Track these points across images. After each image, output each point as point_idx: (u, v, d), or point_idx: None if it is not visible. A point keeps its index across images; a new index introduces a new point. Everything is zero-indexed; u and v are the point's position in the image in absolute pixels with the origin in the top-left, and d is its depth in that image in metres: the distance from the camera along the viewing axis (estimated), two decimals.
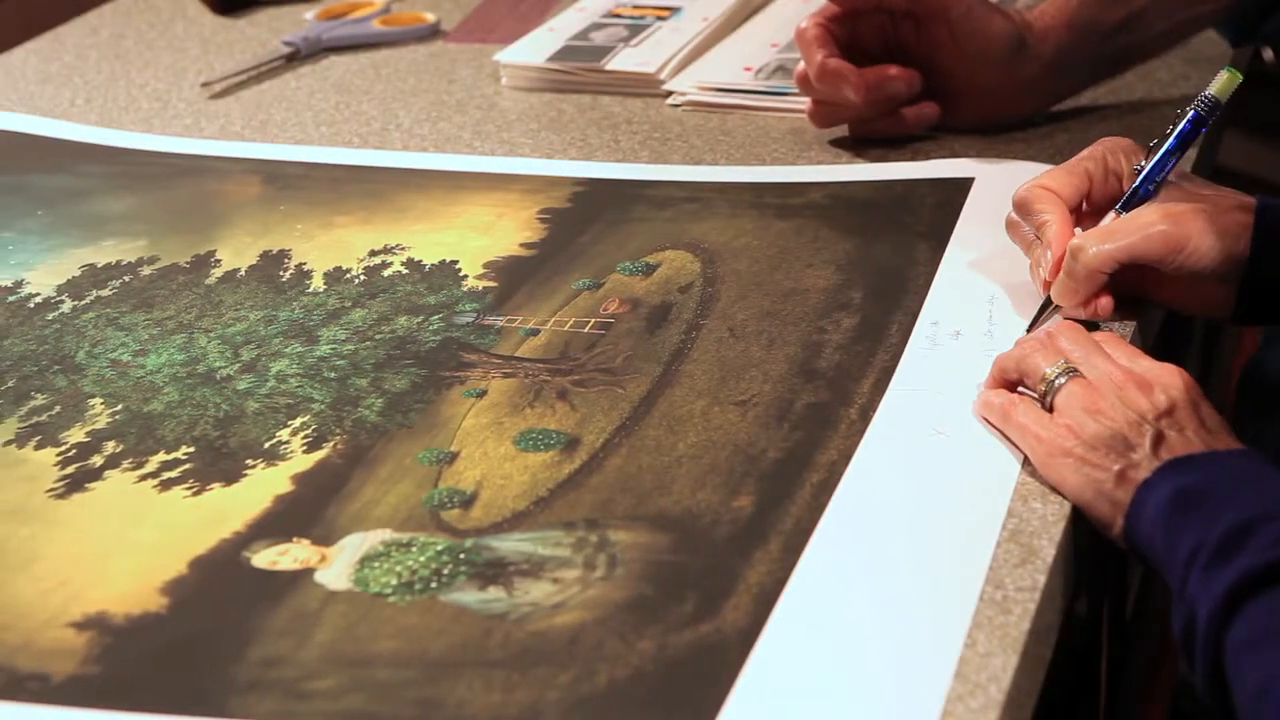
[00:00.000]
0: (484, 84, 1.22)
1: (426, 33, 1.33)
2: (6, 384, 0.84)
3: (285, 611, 0.68)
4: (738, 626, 0.65)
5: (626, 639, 0.65)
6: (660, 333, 0.87)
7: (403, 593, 0.69)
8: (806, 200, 1.01)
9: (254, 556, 0.71)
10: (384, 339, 0.88)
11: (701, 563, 0.69)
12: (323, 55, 1.29)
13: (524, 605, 0.68)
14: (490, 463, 0.77)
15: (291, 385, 0.84)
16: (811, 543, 0.70)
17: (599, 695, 0.62)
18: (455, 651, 0.65)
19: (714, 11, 1.27)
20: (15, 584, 0.70)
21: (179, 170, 1.09)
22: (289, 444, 0.79)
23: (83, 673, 0.65)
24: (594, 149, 1.10)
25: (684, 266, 0.94)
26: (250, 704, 0.63)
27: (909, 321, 0.86)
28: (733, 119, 1.14)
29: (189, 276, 0.95)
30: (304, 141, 1.13)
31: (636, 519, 0.73)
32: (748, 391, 0.81)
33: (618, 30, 1.26)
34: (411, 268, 0.95)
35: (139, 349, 0.87)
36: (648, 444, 0.78)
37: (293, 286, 0.94)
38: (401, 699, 0.63)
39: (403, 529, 0.73)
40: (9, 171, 1.08)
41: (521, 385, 0.83)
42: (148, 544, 0.72)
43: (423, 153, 1.11)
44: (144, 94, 1.22)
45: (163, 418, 0.81)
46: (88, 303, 0.92)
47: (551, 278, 0.94)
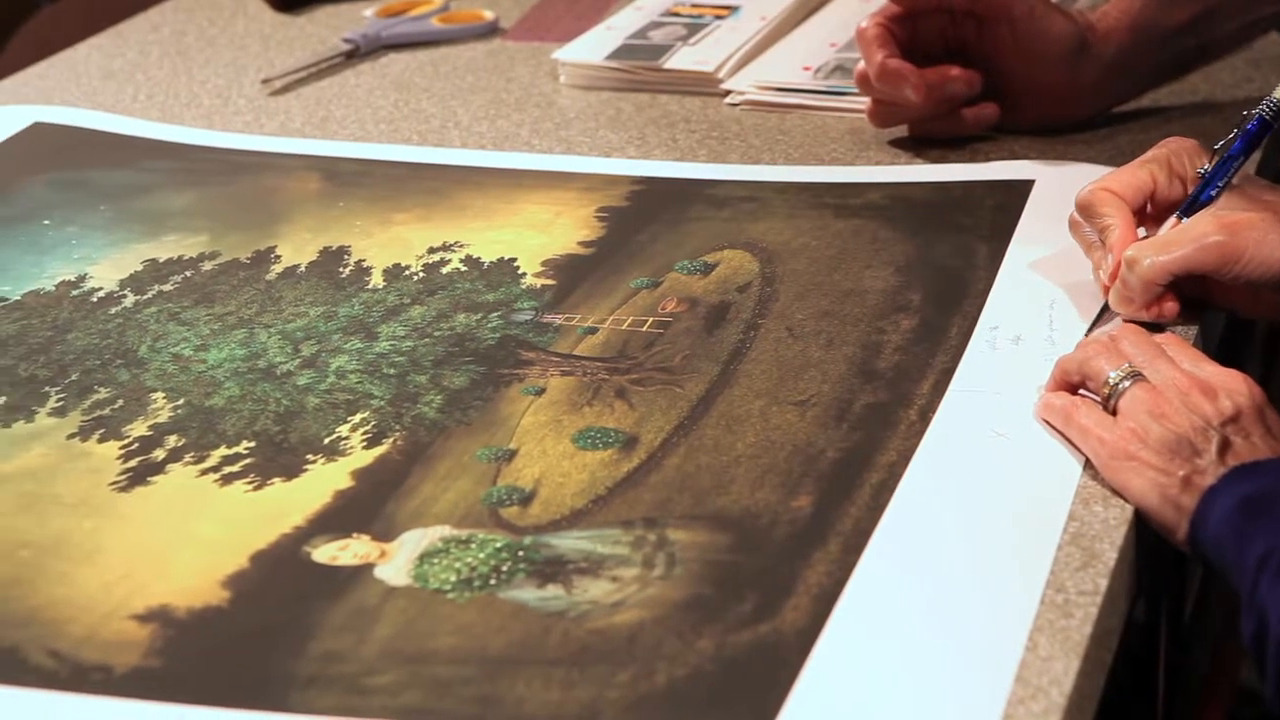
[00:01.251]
0: (542, 82, 1.23)
1: (485, 30, 1.33)
2: (70, 377, 0.85)
3: (345, 607, 0.68)
4: (797, 627, 0.65)
5: (685, 638, 0.65)
6: (718, 332, 0.87)
7: (462, 589, 0.69)
8: (865, 201, 1.01)
9: (314, 551, 0.72)
10: (443, 336, 0.88)
11: (760, 563, 0.69)
12: (382, 53, 1.29)
13: (583, 603, 0.68)
14: (549, 460, 0.77)
15: (351, 381, 0.84)
16: (871, 544, 0.70)
17: (658, 694, 0.62)
18: (514, 649, 0.65)
19: (773, 10, 1.27)
20: (79, 576, 0.70)
21: (239, 166, 1.09)
22: (349, 440, 0.79)
23: (145, 665, 0.65)
24: (652, 148, 1.11)
25: (742, 266, 0.94)
26: (310, 699, 0.63)
27: (968, 324, 0.86)
28: (791, 118, 1.14)
29: (249, 272, 0.96)
30: (363, 138, 1.13)
31: (695, 518, 0.73)
32: (806, 391, 0.81)
33: (676, 29, 1.26)
34: (470, 265, 0.96)
35: (200, 344, 0.88)
36: (706, 443, 0.78)
37: (352, 283, 0.94)
38: (461, 696, 0.63)
39: (461, 526, 0.73)
40: (73, 166, 1.09)
41: (580, 383, 0.83)
42: (209, 538, 0.73)
43: (481, 150, 1.11)
44: (205, 90, 1.23)
45: (224, 412, 0.82)
46: (150, 297, 0.93)
47: (609, 276, 0.94)
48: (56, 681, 0.64)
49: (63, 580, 0.70)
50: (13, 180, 1.07)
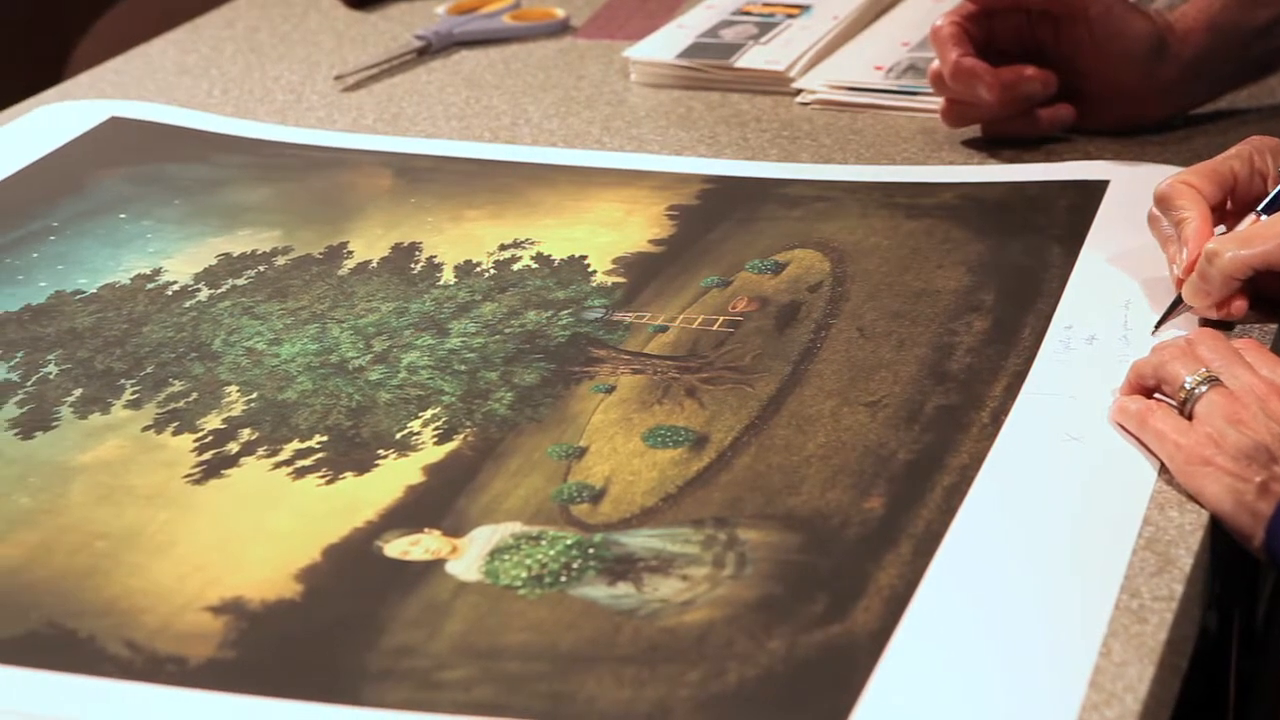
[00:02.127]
0: (613, 80, 1.23)
1: (556, 28, 1.33)
2: (145, 370, 0.86)
3: (417, 601, 0.68)
4: (868, 629, 0.65)
5: (756, 638, 0.65)
6: (789, 332, 0.87)
7: (532, 586, 0.69)
8: (937, 201, 1.00)
9: (386, 546, 0.72)
10: (513, 333, 0.88)
11: (831, 563, 0.69)
12: (453, 49, 1.30)
13: (653, 602, 0.68)
14: (619, 458, 0.77)
15: (422, 377, 0.84)
16: (943, 546, 0.69)
17: (729, 694, 0.62)
18: (585, 646, 0.65)
19: (844, 10, 1.27)
20: (154, 567, 0.71)
21: (312, 162, 1.10)
22: (420, 435, 0.80)
23: (219, 657, 0.66)
24: (723, 146, 1.10)
25: (813, 265, 0.94)
26: (383, 693, 0.63)
27: (1042, 325, 0.85)
28: (863, 118, 1.14)
29: (322, 267, 0.96)
30: (434, 135, 1.14)
31: (766, 518, 0.72)
32: (877, 392, 0.81)
33: (747, 28, 1.26)
34: (541, 262, 0.96)
35: (273, 338, 0.89)
36: (777, 443, 0.78)
37: (424, 279, 0.95)
38: (532, 692, 0.63)
39: (532, 522, 0.73)
40: (148, 161, 1.10)
41: (650, 382, 0.83)
42: (282, 531, 0.73)
43: (552, 148, 1.11)
44: (278, 86, 1.23)
45: (296, 406, 0.82)
46: (223, 291, 0.94)
47: (680, 275, 0.94)
48: (133, 671, 0.65)
49: (138, 571, 0.71)
50: (90, 174, 1.08)
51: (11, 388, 0.84)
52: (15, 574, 0.71)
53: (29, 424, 0.81)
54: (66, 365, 0.86)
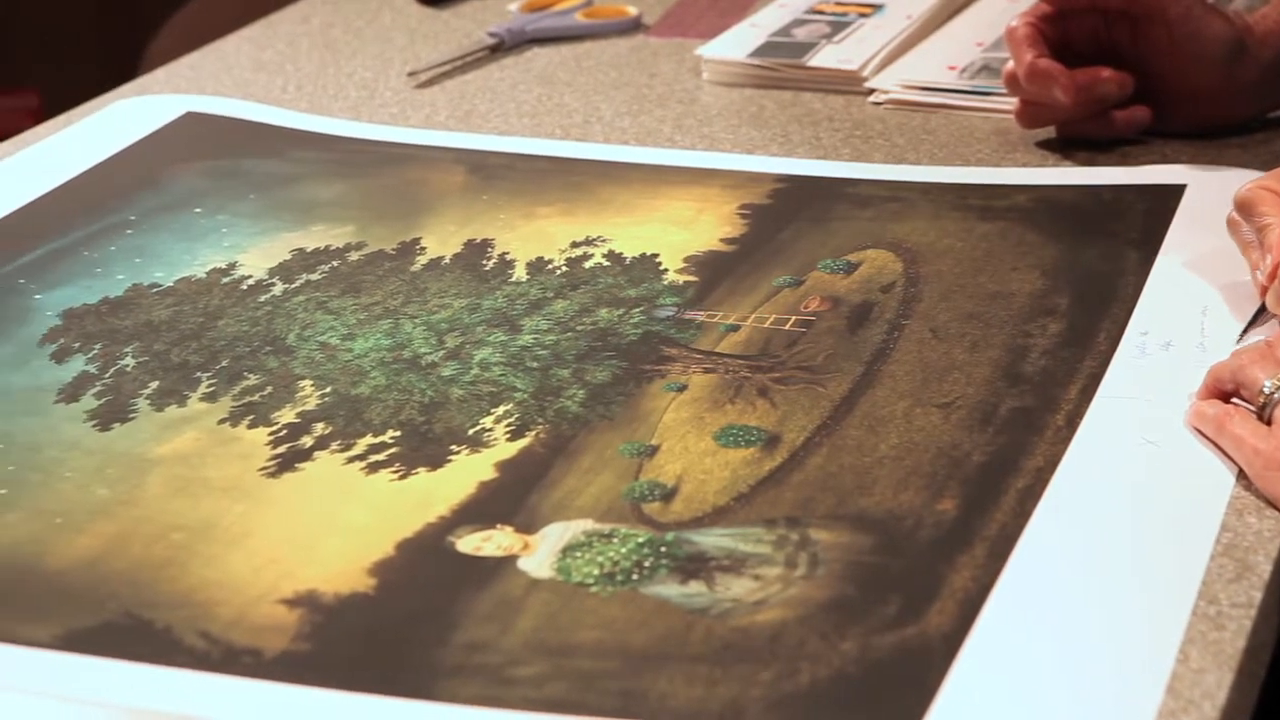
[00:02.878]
0: (685, 78, 1.23)
1: (628, 26, 1.33)
2: (221, 363, 0.87)
3: (489, 597, 0.68)
4: (942, 631, 0.65)
5: (829, 639, 0.65)
6: (861, 332, 0.87)
7: (604, 583, 0.69)
8: (1011, 203, 1.00)
9: (459, 541, 0.72)
10: (585, 330, 0.88)
11: (904, 565, 0.69)
12: (526, 47, 1.30)
13: (725, 601, 0.68)
14: (691, 457, 0.77)
15: (495, 374, 0.85)
16: (1017, 550, 0.69)
17: (801, 694, 0.62)
18: (657, 644, 0.65)
19: (918, 9, 1.26)
20: (229, 559, 0.71)
21: (385, 158, 1.11)
22: (492, 431, 0.80)
23: (294, 649, 0.66)
24: (795, 145, 1.10)
25: (886, 266, 0.94)
26: (455, 688, 0.64)
27: (1117, 330, 0.85)
28: (936, 118, 1.13)
29: (395, 263, 0.97)
30: (507, 132, 1.14)
31: (838, 518, 0.72)
32: (951, 394, 0.81)
33: (820, 27, 1.25)
34: (612, 260, 0.96)
35: (347, 333, 0.89)
36: (849, 444, 0.77)
37: (496, 275, 0.95)
38: (604, 690, 0.63)
39: (604, 520, 0.73)
40: (224, 156, 1.11)
41: (722, 381, 0.83)
42: (356, 525, 0.74)
43: (624, 146, 1.11)
44: (352, 82, 1.24)
45: (370, 401, 0.83)
46: (298, 286, 0.94)
47: (752, 274, 0.94)
48: (208, 663, 0.65)
49: (213, 563, 0.71)
50: (166, 169, 1.09)
51: (90, 380, 0.85)
52: (93, 564, 0.71)
53: (107, 416, 0.82)
54: (143, 358, 0.87)
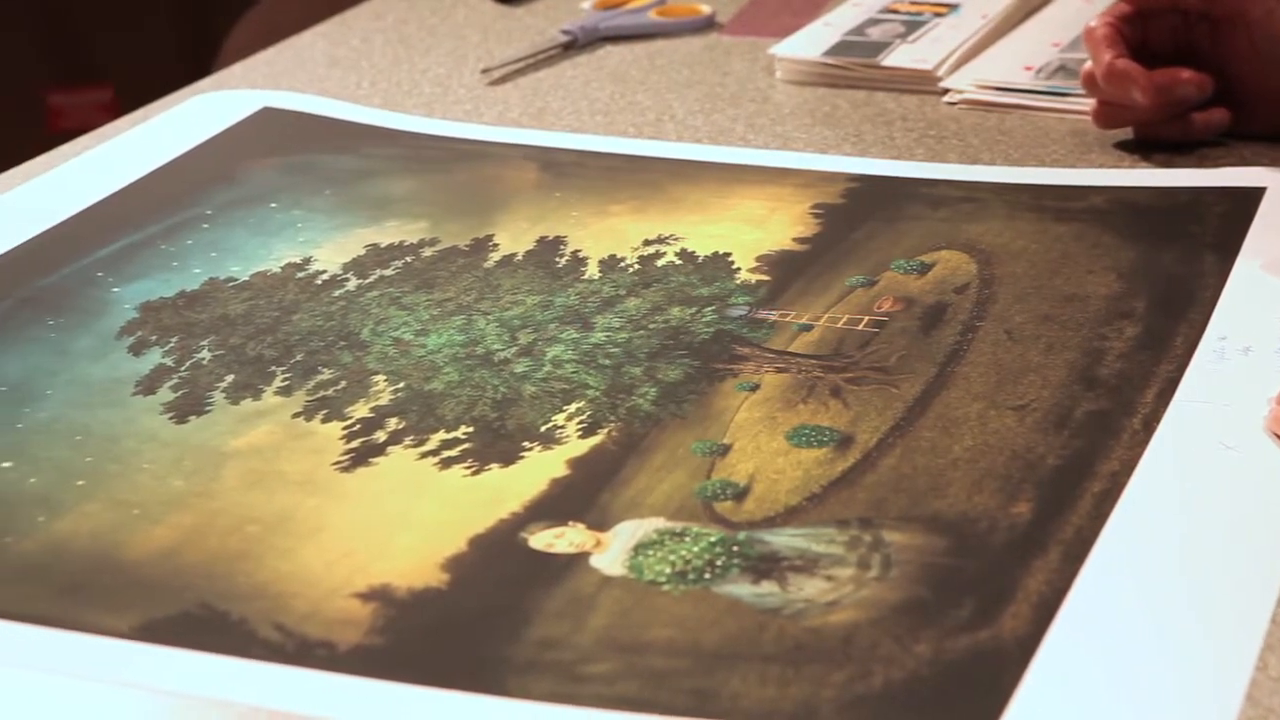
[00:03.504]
0: (758, 77, 1.23)
1: (702, 24, 1.33)
2: (295, 358, 0.87)
3: (562, 594, 0.69)
4: (1016, 635, 0.64)
5: (902, 641, 0.65)
6: (935, 333, 0.87)
7: (676, 582, 0.69)
8: (1087, 204, 0.99)
9: (531, 538, 0.72)
10: (657, 329, 0.88)
11: (978, 568, 0.69)
12: (599, 45, 1.30)
13: (798, 601, 0.68)
14: (763, 457, 0.77)
15: (567, 371, 0.85)
16: (1093, 554, 0.69)
17: (874, 696, 0.62)
18: (729, 644, 0.65)
19: (994, 9, 1.25)
20: (303, 553, 0.72)
21: (459, 155, 1.11)
22: (564, 429, 0.80)
23: (367, 643, 0.66)
24: (868, 145, 1.10)
25: (960, 267, 0.93)
26: (528, 684, 0.64)
27: (1195, 334, 0.84)
28: (1011, 118, 1.13)
29: (468, 259, 0.97)
30: (579, 130, 1.14)
31: (911, 520, 0.72)
32: (1025, 396, 0.80)
33: (894, 26, 1.25)
34: (685, 258, 0.96)
35: (420, 329, 0.90)
36: (922, 445, 0.77)
37: (568, 273, 0.95)
38: (676, 688, 0.63)
39: (676, 518, 0.73)
40: (299, 151, 1.12)
41: (794, 381, 0.83)
42: (429, 520, 0.74)
43: (696, 144, 1.11)
44: (426, 79, 1.25)
45: (443, 397, 0.83)
46: (371, 281, 0.95)
47: (824, 273, 0.94)
48: (283, 655, 0.66)
49: (288, 556, 0.72)
50: (242, 164, 1.10)
51: (166, 372, 0.86)
52: (169, 556, 0.72)
53: (183, 408, 0.83)
54: (219, 351, 0.88)
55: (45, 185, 1.07)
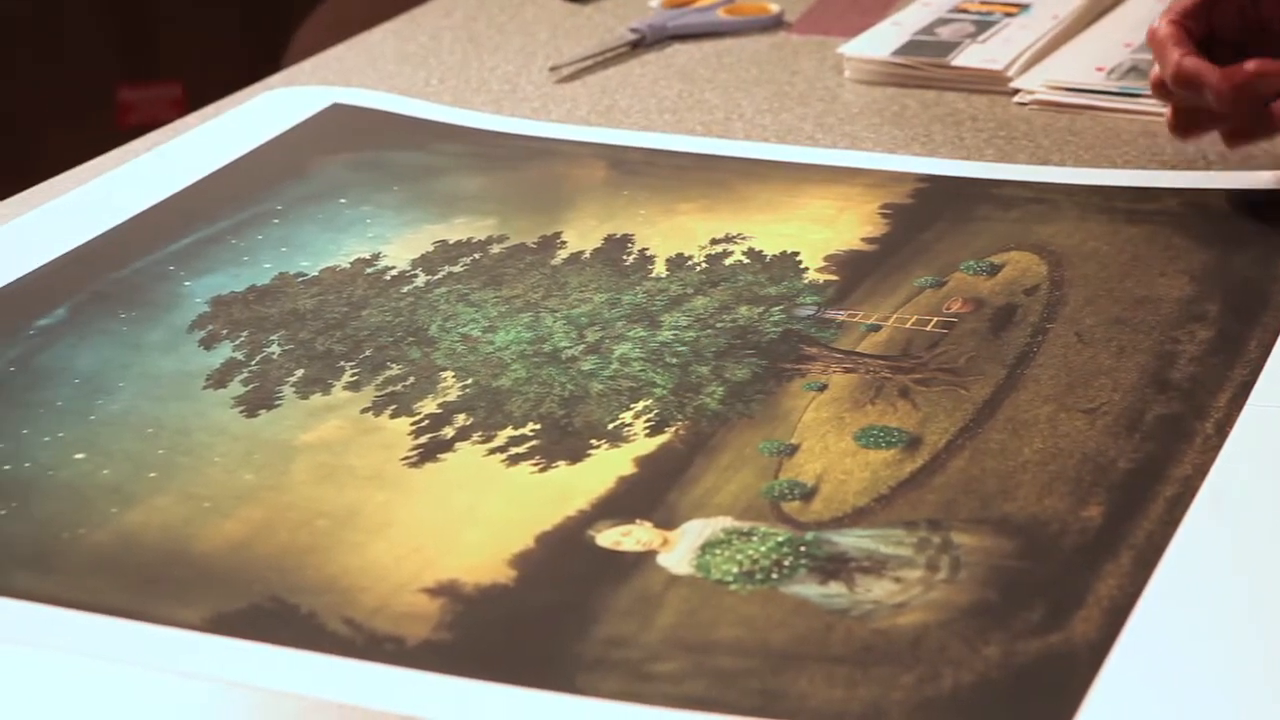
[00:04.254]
0: (826, 76, 1.22)
1: (770, 23, 1.33)
2: (364, 353, 0.88)
3: (629, 592, 0.69)
4: (1087, 639, 0.64)
5: (971, 644, 0.64)
6: (1005, 334, 0.86)
7: (744, 581, 0.69)
8: (1159, 206, 0.98)
9: (598, 536, 0.72)
10: (725, 328, 0.88)
11: (1048, 571, 0.68)
12: (667, 43, 1.30)
13: (866, 602, 0.67)
14: (831, 457, 0.77)
15: (634, 369, 0.85)
16: (1165, 559, 0.68)
17: (943, 699, 0.62)
18: (796, 644, 0.65)
19: (1065, 9, 1.25)
20: (372, 547, 0.72)
21: (527, 152, 1.11)
22: (632, 427, 0.80)
23: (435, 638, 0.67)
24: (938, 145, 1.09)
25: (1030, 268, 0.93)
26: (595, 682, 0.64)
27: (1269, 339, 0.83)
28: (1082, 119, 1.12)
29: (536, 256, 0.97)
30: (648, 128, 1.14)
31: (980, 522, 0.72)
32: (1096, 399, 0.80)
33: (964, 26, 1.24)
34: (753, 258, 0.96)
35: (488, 325, 0.90)
36: (992, 447, 0.77)
37: (636, 271, 0.95)
38: (743, 688, 0.63)
39: (743, 517, 0.73)
40: (369, 147, 1.12)
41: (862, 381, 0.83)
42: (496, 517, 0.74)
43: (764, 143, 1.11)
44: (494, 76, 1.25)
45: (510, 394, 0.83)
46: (440, 278, 0.95)
47: (893, 274, 0.93)
48: (352, 649, 0.66)
49: (357, 550, 0.72)
50: (312, 159, 1.11)
51: (237, 366, 0.87)
52: (240, 549, 0.72)
53: (253, 402, 0.83)
54: (289, 346, 0.88)
55: (118, 180, 1.08)
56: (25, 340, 0.89)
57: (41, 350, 0.88)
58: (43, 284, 0.95)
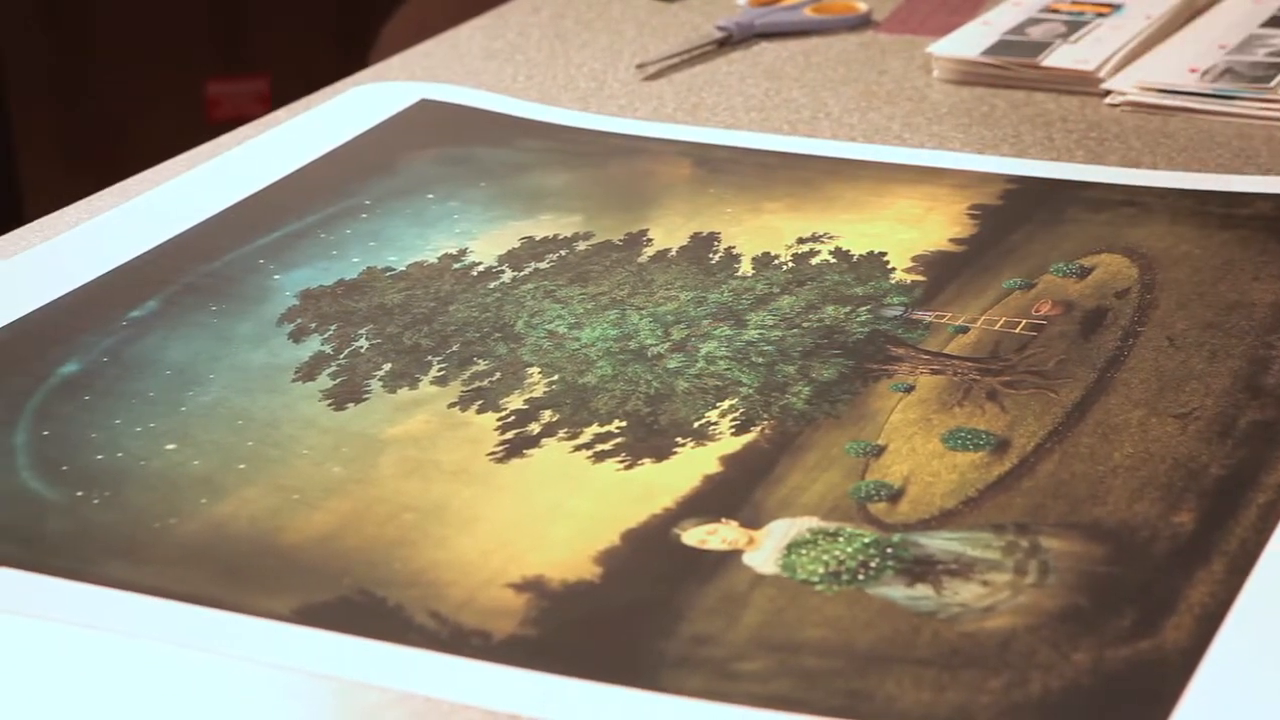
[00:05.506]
0: (914, 75, 1.22)
1: (858, 22, 1.33)
2: (451, 348, 0.88)
3: (714, 591, 0.68)
4: (1179, 647, 0.63)
5: (1060, 649, 0.64)
6: (1095, 338, 0.85)
7: (830, 582, 0.69)
8: (1254, 211, 0.97)
9: (684, 534, 0.72)
10: (811, 327, 0.88)
11: (1139, 577, 0.67)
12: (754, 41, 1.30)
13: (953, 605, 0.67)
14: (918, 459, 0.77)
15: (720, 367, 0.85)
16: (1258, 566, 0.67)
17: (1032, 704, 0.61)
18: (883, 646, 0.65)
19: (1158, 9, 1.23)
20: (458, 542, 0.72)
21: (613, 149, 1.11)
22: (717, 425, 0.80)
23: (521, 633, 0.67)
24: (1027, 146, 1.09)
25: (1120, 271, 0.92)
26: (680, 680, 0.64)
27: None
28: (1174, 121, 1.11)
29: (622, 254, 0.97)
30: (734, 126, 1.14)
31: (1069, 527, 0.71)
32: (1188, 404, 0.79)
33: (1055, 26, 1.23)
34: (839, 257, 0.95)
35: (574, 322, 0.90)
36: (1081, 451, 0.76)
37: (722, 269, 0.95)
38: (830, 689, 0.63)
39: (829, 518, 0.73)
40: (456, 143, 1.13)
41: (950, 383, 0.82)
42: (582, 513, 0.74)
43: (851, 142, 1.11)
44: (581, 73, 1.25)
45: (596, 391, 0.83)
46: (526, 274, 0.95)
47: (981, 275, 0.93)
48: (438, 643, 0.66)
49: (443, 545, 0.72)
50: (400, 155, 1.11)
51: (325, 360, 0.87)
52: (328, 541, 0.73)
53: (341, 396, 0.84)
54: (376, 340, 0.89)
55: (209, 173, 1.09)
56: (118, 331, 0.90)
57: (133, 342, 0.89)
58: (135, 276, 0.96)
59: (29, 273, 0.96)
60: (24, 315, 0.91)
